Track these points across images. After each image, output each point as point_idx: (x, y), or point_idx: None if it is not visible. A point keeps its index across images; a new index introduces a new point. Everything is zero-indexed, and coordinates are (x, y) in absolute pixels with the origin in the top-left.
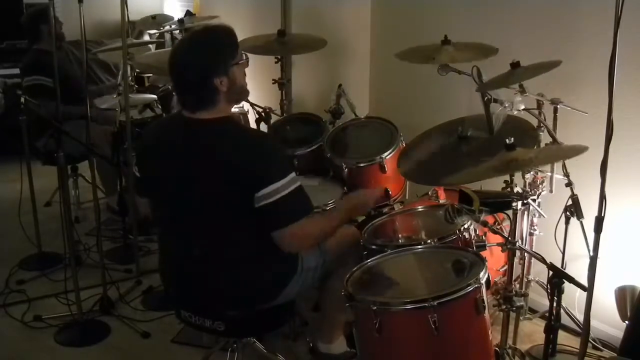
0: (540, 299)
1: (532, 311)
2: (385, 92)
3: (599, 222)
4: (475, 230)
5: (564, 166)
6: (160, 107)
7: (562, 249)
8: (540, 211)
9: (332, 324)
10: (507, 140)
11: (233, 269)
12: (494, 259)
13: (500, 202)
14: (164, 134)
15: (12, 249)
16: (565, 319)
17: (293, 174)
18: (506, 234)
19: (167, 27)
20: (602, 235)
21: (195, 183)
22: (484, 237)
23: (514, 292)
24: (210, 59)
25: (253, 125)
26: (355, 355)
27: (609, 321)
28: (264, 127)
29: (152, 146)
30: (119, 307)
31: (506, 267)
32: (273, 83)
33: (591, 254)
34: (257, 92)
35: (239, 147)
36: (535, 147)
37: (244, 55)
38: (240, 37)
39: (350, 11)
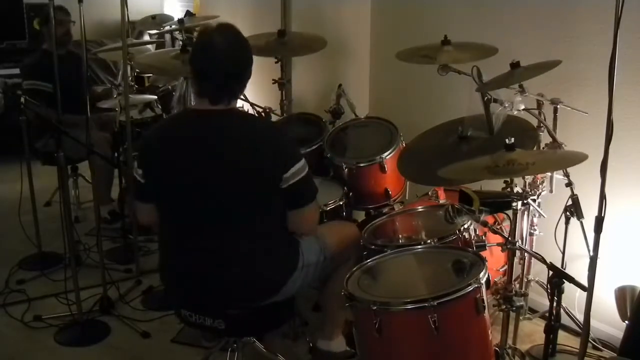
0: (540, 299)
1: (532, 311)
2: (385, 92)
3: (599, 222)
4: (475, 230)
5: None
6: (160, 107)
7: (562, 249)
8: (540, 211)
9: (333, 320)
10: (507, 141)
11: (236, 264)
12: (494, 259)
13: (500, 202)
14: (177, 132)
15: (12, 249)
16: (565, 319)
17: (304, 159)
18: (506, 234)
19: (167, 27)
20: (602, 235)
21: (210, 176)
22: (484, 237)
23: (514, 292)
24: (250, 50)
25: None
26: (355, 355)
27: (609, 321)
28: None
29: (164, 145)
30: (119, 307)
31: (506, 267)
32: (273, 83)
33: (591, 254)
34: (257, 92)
35: (263, 133)
36: (535, 148)
37: None
38: None
39: (350, 11)
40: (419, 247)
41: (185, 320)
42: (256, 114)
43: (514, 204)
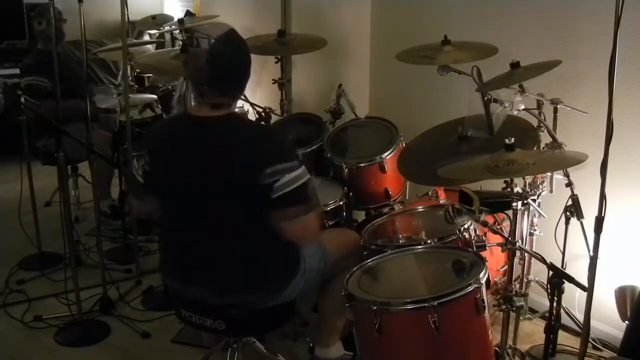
0: (540, 299)
1: (532, 311)
2: (385, 92)
3: (599, 222)
4: (475, 230)
5: None
6: (160, 107)
7: (562, 249)
8: (540, 211)
9: (330, 329)
10: (507, 141)
11: (233, 266)
12: (494, 259)
13: (500, 202)
14: (173, 134)
15: (12, 249)
16: (565, 319)
17: (303, 167)
18: (506, 234)
19: (167, 27)
20: (602, 235)
21: (210, 180)
22: (484, 237)
23: (514, 292)
24: (247, 51)
25: None
26: (353, 358)
27: (609, 321)
28: None
29: (160, 147)
30: (119, 307)
31: (506, 267)
32: (273, 83)
33: (591, 254)
34: (257, 92)
35: (255, 141)
36: (535, 148)
37: None
38: None
39: (350, 11)
40: (419, 247)
41: (185, 320)
42: (256, 115)
43: (514, 204)
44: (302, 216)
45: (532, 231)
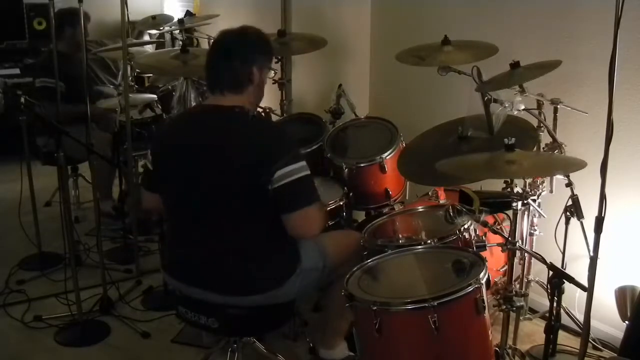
0: (540, 299)
1: (532, 311)
2: (385, 92)
3: (599, 222)
4: (475, 231)
5: None
6: (160, 107)
7: (562, 249)
8: (540, 211)
9: (334, 330)
10: (507, 141)
11: (237, 264)
12: (494, 259)
13: (500, 202)
14: (178, 128)
15: (12, 249)
16: (565, 319)
17: (304, 161)
18: (506, 234)
19: (167, 27)
20: (602, 235)
21: (209, 179)
22: (484, 237)
23: (514, 292)
24: (258, 49)
25: None
26: (355, 359)
27: (609, 321)
28: None
29: (168, 140)
30: (119, 307)
31: (506, 267)
32: (273, 83)
33: (591, 254)
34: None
35: (255, 139)
36: (535, 148)
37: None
38: None
39: (350, 11)
40: (419, 247)
41: (186, 319)
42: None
43: (514, 204)
44: (301, 209)
45: (532, 231)
